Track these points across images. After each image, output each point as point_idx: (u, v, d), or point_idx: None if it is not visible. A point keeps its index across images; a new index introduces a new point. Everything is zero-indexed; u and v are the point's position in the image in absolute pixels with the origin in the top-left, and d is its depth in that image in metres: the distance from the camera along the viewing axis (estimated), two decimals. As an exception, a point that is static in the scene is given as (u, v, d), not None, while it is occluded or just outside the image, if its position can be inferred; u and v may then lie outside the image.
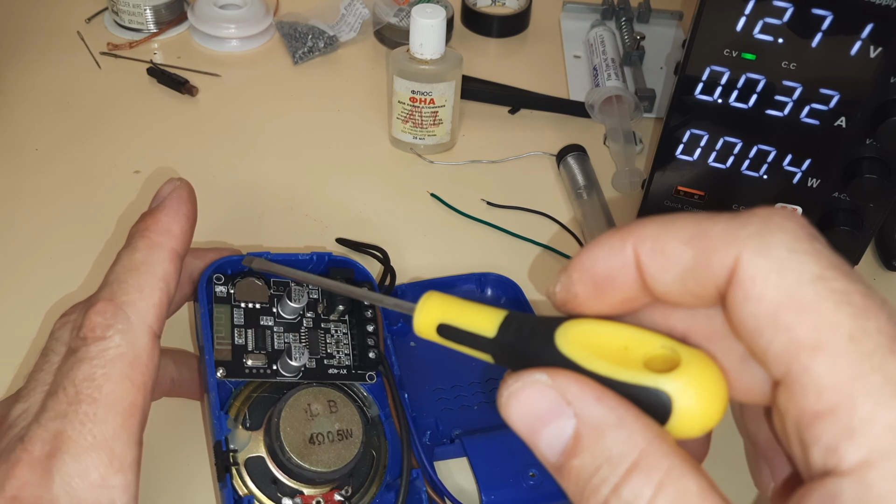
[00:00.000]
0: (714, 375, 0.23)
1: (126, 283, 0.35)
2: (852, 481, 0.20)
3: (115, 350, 0.33)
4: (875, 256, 0.60)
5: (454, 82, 0.62)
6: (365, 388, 0.44)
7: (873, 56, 0.42)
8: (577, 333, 0.25)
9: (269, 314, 0.44)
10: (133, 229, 0.38)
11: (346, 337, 0.45)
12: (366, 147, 0.66)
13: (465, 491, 0.44)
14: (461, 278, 0.53)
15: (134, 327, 0.34)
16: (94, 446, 0.32)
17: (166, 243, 0.37)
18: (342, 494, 0.40)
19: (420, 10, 0.60)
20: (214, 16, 0.74)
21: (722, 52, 0.45)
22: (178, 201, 0.39)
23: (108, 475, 0.32)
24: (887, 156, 0.46)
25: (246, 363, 0.42)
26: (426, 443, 0.45)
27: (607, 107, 0.67)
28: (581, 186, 0.61)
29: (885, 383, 0.20)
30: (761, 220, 0.23)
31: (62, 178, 0.61)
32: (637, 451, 0.22)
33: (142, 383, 0.34)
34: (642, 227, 0.25)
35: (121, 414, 0.33)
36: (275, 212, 0.59)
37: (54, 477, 0.31)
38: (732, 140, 0.48)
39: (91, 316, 0.34)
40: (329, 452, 0.39)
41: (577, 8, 0.81)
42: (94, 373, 0.33)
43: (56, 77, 0.70)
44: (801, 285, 0.21)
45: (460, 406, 0.47)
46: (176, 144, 0.65)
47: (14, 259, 0.54)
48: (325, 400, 0.41)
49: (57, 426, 0.32)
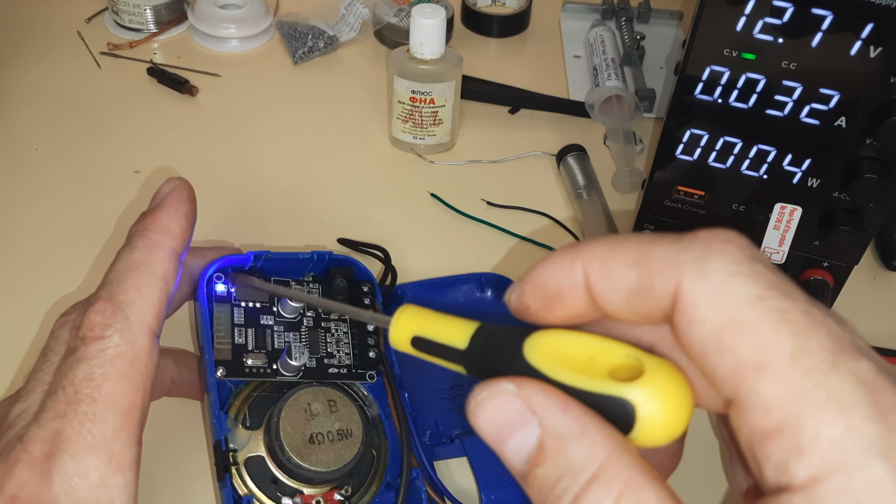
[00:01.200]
0: (678, 384, 0.23)
1: (125, 283, 0.35)
2: (803, 497, 0.20)
3: (114, 349, 0.33)
4: (875, 256, 0.60)
5: (454, 82, 0.62)
6: (365, 387, 0.44)
7: (873, 56, 0.42)
8: (544, 344, 0.25)
9: (270, 313, 0.44)
10: (132, 229, 0.38)
11: (346, 336, 0.45)
12: (366, 147, 0.66)
13: (464, 491, 0.44)
14: (461, 278, 0.53)
15: (133, 327, 0.34)
16: (93, 446, 0.32)
17: (165, 242, 0.37)
18: (342, 494, 0.40)
19: (420, 9, 0.60)
20: (214, 16, 0.74)
21: (722, 52, 0.45)
22: (178, 200, 0.39)
23: (108, 475, 0.32)
24: (887, 156, 0.46)
25: (246, 362, 0.42)
26: (426, 442, 0.45)
27: (607, 107, 0.67)
28: (581, 186, 0.61)
29: (829, 399, 0.21)
30: (701, 244, 0.23)
31: (62, 178, 0.61)
32: (598, 461, 0.23)
33: (141, 383, 0.34)
34: (592, 248, 0.25)
35: (120, 413, 0.33)
36: (275, 212, 0.59)
37: (53, 477, 0.31)
38: (732, 140, 0.48)
39: (90, 315, 0.34)
40: (329, 452, 0.39)
41: (577, 8, 0.81)
42: (94, 372, 0.33)
43: (56, 77, 0.70)
44: (741, 307, 0.22)
45: (460, 406, 0.47)
46: (176, 144, 0.65)
47: (14, 259, 0.54)
48: (325, 399, 0.41)
49: (56, 426, 0.32)
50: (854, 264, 0.52)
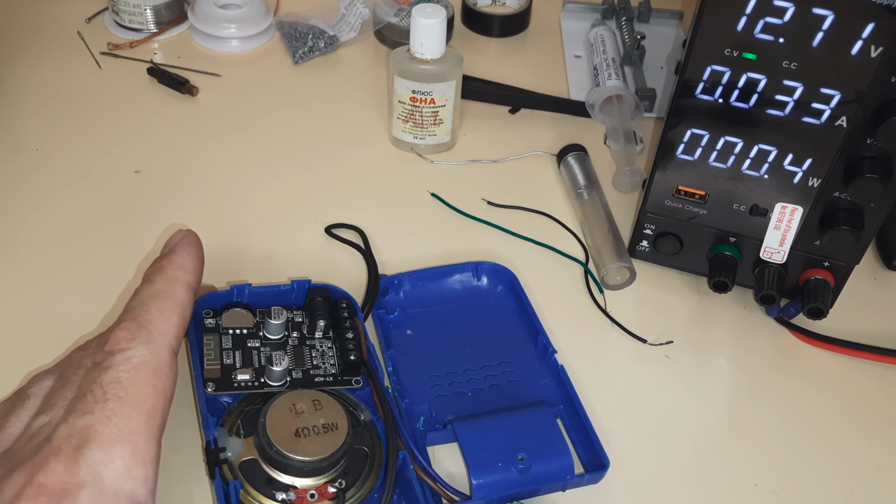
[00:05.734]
0: None
1: (147, 307, 0.39)
2: None
3: (138, 358, 0.37)
4: (876, 256, 0.60)
5: (455, 82, 0.62)
6: (356, 396, 0.46)
7: (874, 56, 0.42)
8: None
9: (256, 338, 0.47)
10: (149, 270, 0.42)
11: (330, 350, 0.47)
12: (366, 147, 0.66)
13: (454, 475, 0.45)
14: (457, 267, 0.54)
15: (155, 340, 0.38)
16: (119, 438, 0.34)
17: (182, 277, 0.41)
18: (336, 486, 0.41)
19: (420, 9, 0.60)
20: (214, 16, 0.74)
21: (723, 52, 0.45)
22: (189, 245, 0.43)
23: (132, 466, 0.34)
24: (888, 155, 0.46)
25: (236, 378, 0.44)
26: (419, 429, 0.46)
27: (608, 106, 0.67)
28: (581, 186, 0.61)
29: None
30: None
31: (62, 178, 0.61)
32: None
33: (163, 390, 0.37)
34: None
35: (145, 413, 0.35)
36: (275, 211, 0.59)
37: (81, 465, 0.33)
38: (733, 140, 0.48)
39: (116, 332, 0.37)
40: (315, 443, 0.41)
41: (577, 7, 0.81)
42: (120, 377, 0.36)
43: (56, 77, 0.70)
44: None
45: (454, 392, 0.48)
46: (176, 144, 0.65)
47: (14, 259, 0.54)
48: (309, 400, 0.43)
49: (85, 422, 0.34)
50: (855, 264, 0.52)
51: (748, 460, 0.47)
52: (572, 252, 0.58)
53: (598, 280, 0.56)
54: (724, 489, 0.46)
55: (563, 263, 0.58)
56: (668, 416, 0.49)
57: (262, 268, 0.55)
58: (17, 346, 0.49)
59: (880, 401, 0.51)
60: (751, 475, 0.46)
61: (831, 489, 0.46)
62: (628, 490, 0.45)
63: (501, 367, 0.50)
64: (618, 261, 0.55)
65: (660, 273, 0.57)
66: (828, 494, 0.46)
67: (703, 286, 0.56)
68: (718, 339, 0.53)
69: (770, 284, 0.52)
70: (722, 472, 0.46)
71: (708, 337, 0.54)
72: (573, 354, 0.51)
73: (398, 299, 0.53)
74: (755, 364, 0.52)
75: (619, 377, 0.51)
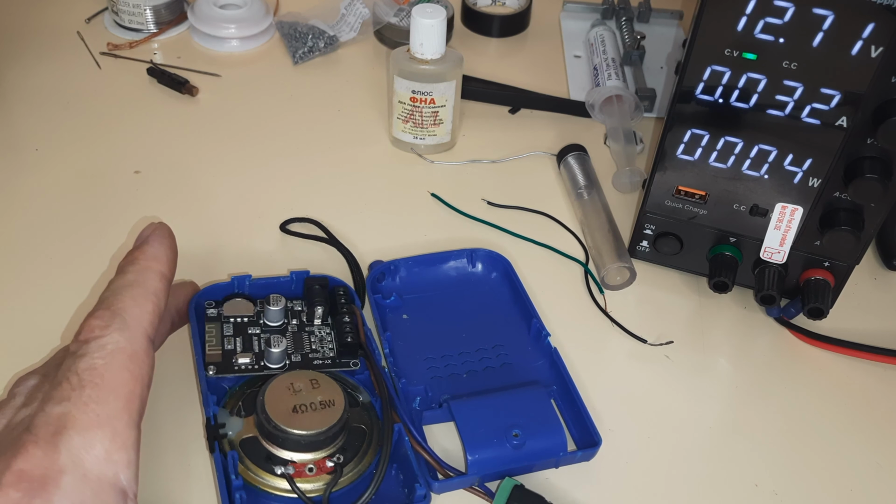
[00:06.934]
0: None
1: (120, 295, 0.39)
2: None
3: (113, 345, 0.36)
4: (876, 256, 0.60)
5: (454, 82, 0.62)
6: (355, 379, 0.47)
7: (874, 56, 0.42)
8: None
9: (256, 325, 0.48)
10: (122, 262, 0.42)
11: (329, 336, 0.48)
12: (366, 147, 0.66)
13: (450, 452, 0.46)
14: (452, 254, 0.55)
15: (130, 327, 0.37)
16: (98, 423, 0.34)
17: (155, 266, 0.41)
18: (334, 461, 0.42)
19: (420, 9, 0.60)
20: (214, 16, 0.74)
21: (723, 52, 0.45)
22: (161, 236, 0.43)
23: (112, 450, 0.34)
24: (888, 155, 0.46)
25: (235, 361, 0.45)
26: (416, 408, 0.47)
27: (608, 106, 0.67)
28: (581, 186, 0.61)
29: None
30: None
31: (62, 178, 0.61)
32: None
33: (139, 375, 0.36)
34: None
35: (122, 398, 0.35)
36: (274, 211, 0.59)
37: (60, 450, 0.33)
38: (733, 140, 0.48)
39: (89, 321, 0.37)
40: (313, 419, 0.42)
41: (577, 7, 0.81)
42: (95, 363, 0.35)
43: (56, 77, 0.70)
44: None
45: (449, 374, 0.49)
46: (176, 144, 0.65)
47: (13, 259, 0.54)
48: (306, 379, 0.44)
49: (62, 409, 0.34)
50: (855, 264, 0.52)
51: (748, 460, 0.47)
52: (572, 252, 0.58)
53: (599, 280, 0.56)
54: (725, 489, 0.45)
55: (563, 264, 0.58)
56: (668, 417, 0.49)
57: (262, 264, 0.55)
58: (17, 345, 0.49)
59: (880, 401, 0.51)
60: (751, 475, 0.46)
61: (831, 489, 0.46)
62: (628, 490, 0.45)
63: (496, 349, 0.50)
64: (618, 261, 0.55)
65: (660, 273, 0.57)
66: (828, 494, 0.46)
67: (703, 286, 0.56)
68: (718, 339, 0.53)
69: (770, 284, 0.52)
70: (722, 473, 0.46)
71: (708, 337, 0.54)
72: (573, 354, 0.51)
73: (394, 284, 0.54)
74: (755, 364, 0.52)
75: (620, 377, 0.51)
